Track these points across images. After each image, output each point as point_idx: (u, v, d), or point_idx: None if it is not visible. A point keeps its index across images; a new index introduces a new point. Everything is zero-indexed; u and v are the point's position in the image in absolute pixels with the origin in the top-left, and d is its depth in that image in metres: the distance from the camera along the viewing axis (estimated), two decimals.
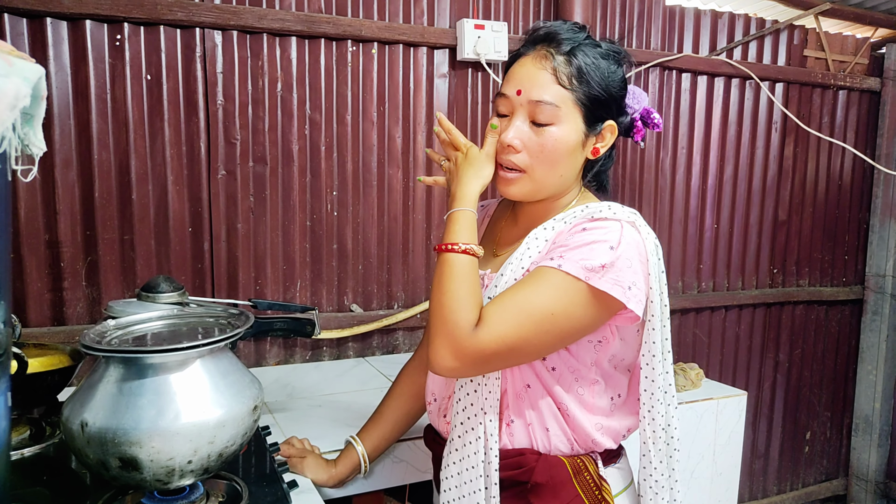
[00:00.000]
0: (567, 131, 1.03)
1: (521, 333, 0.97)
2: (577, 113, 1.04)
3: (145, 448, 0.88)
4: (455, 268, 1.01)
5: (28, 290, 1.75)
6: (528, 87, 1.03)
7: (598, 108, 1.05)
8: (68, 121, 1.75)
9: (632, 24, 2.47)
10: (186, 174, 1.89)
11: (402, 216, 2.17)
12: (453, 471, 1.09)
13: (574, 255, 0.97)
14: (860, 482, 3.20)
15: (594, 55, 1.04)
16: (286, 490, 1.14)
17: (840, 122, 2.94)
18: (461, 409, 1.09)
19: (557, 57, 1.03)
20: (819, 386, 3.11)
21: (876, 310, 3.08)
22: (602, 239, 0.98)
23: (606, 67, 1.05)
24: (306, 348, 2.11)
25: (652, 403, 1.09)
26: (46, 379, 1.30)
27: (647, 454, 1.11)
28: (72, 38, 1.73)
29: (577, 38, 1.05)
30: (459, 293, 0.99)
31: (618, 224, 1.00)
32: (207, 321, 1.12)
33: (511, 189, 1.08)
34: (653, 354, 1.08)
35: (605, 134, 1.08)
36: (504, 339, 0.96)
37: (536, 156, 1.04)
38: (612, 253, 0.97)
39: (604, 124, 1.07)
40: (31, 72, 0.58)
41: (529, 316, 0.96)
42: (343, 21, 1.99)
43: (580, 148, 1.06)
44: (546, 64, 1.03)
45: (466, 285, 1.00)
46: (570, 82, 1.03)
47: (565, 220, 1.06)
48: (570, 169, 1.08)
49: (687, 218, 2.68)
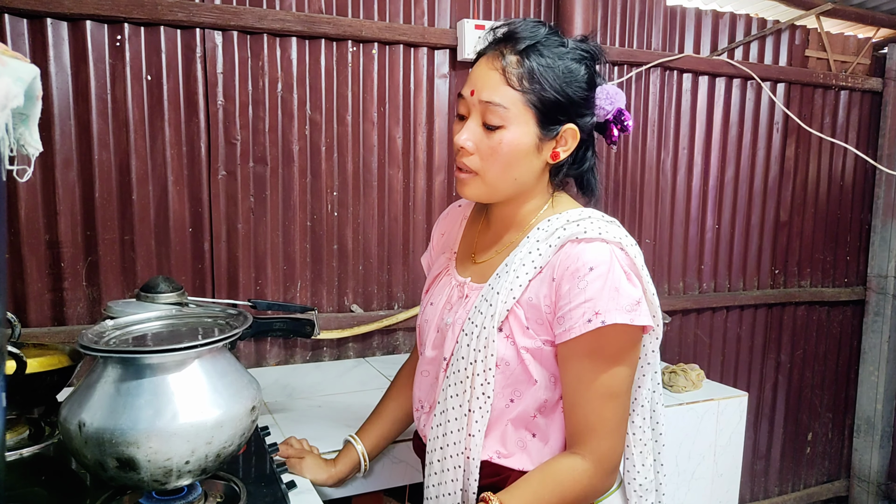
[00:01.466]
0: (518, 134, 1.00)
1: (623, 413, 1.02)
2: (528, 115, 1.00)
3: (143, 448, 0.88)
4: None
5: (28, 290, 1.75)
6: (479, 87, 1.01)
7: (553, 110, 1.01)
8: (69, 121, 1.75)
9: (633, 23, 2.47)
10: (187, 174, 1.89)
11: (402, 217, 2.17)
12: (434, 481, 1.09)
13: (606, 304, 0.96)
14: (862, 483, 3.19)
15: (552, 54, 1.00)
16: (285, 491, 1.14)
17: (842, 122, 2.94)
18: (444, 421, 1.07)
19: (509, 57, 0.99)
20: (821, 387, 3.11)
21: (878, 311, 3.08)
22: (616, 275, 0.97)
23: (564, 67, 1.00)
24: (306, 349, 2.11)
25: (633, 407, 1.10)
26: (46, 379, 1.30)
27: (630, 457, 1.12)
28: (72, 38, 1.73)
29: (535, 35, 1.00)
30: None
31: (608, 249, 0.99)
32: (206, 321, 1.12)
33: (465, 190, 1.07)
34: (648, 362, 1.09)
35: (566, 137, 1.04)
36: (617, 432, 1.02)
37: (487, 158, 1.02)
38: (634, 288, 0.98)
39: (562, 127, 1.03)
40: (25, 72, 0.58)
41: (618, 397, 1.00)
42: (343, 21, 1.99)
43: (534, 152, 1.03)
44: (497, 64, 1.00)
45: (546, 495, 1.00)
46: (521, 83, 0.99)
47: (549, 241, 1.03)
48: (526, 172, 1.04)
49: (688, 218, 2.67)
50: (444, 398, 1.07)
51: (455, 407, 1.05)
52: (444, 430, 1.07)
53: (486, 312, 1.03)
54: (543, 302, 1.01)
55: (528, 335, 1.02)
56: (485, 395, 1.03)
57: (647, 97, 2.52)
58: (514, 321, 1.02)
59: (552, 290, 1.00)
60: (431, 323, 1.16)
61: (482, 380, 1.02)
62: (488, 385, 1.02)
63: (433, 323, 1.15)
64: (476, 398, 1.03)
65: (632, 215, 2.55)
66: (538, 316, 1.01)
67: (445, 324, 1.11)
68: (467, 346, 1.04)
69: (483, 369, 1.02)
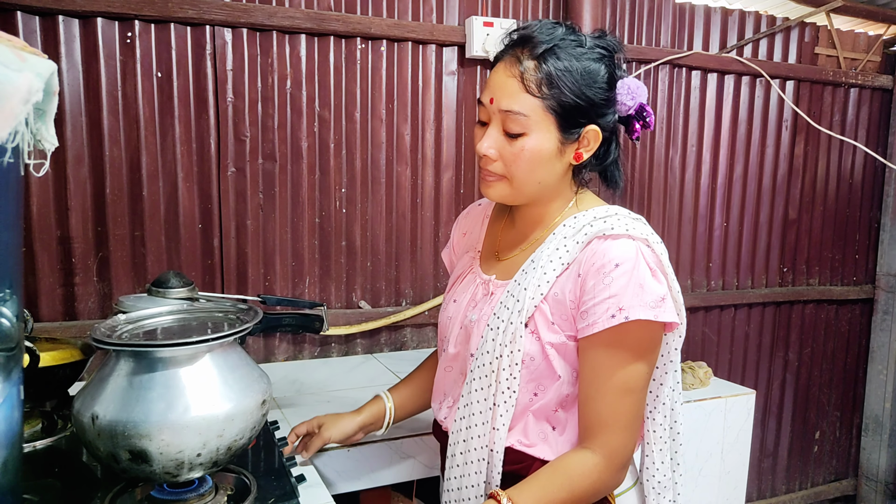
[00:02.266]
0: (539, 140, 1.00)
1: (638, 411, 1.02)
2: (549, 121, 1.00)
3: (155, 441, 0.89)
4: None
5: (40, 285, 1.77)
6: (498, 95, 1.01)
7: (573, 114, 1.00)
8: (80, 118, 1.76)
9: (641, 21, 2.47)
10: (196, 171, 1.90)
11: (410, 213, 2.17)
12: (457, 472, 1.10)
13: (630, 300, 0.97)
14: (870, 482, 3.18)
15: (570, 56, 0.99)
16: (294, 484, 1.15)
17: (851, 120, 2.92)
18: (468, 414, 1.08)
19: (526, 62, 0.98)
20: (828, 385, 3.10)
21: (887, 309, 3.06)
22: (641, 271, 0.98)
23: (583, 69, 0.99)
24: (315, 345, 2.12)
25: (655, 405, 1.10)
26: (58, 373, 1.31)
27: (650, 455, 1.12)
28: (83, 35, 1.74)
29: (552, 37, 0.99)
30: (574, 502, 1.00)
31: (635, 246, 1.00)
32: (217, 316, 1.13)
33: (490, 192, 1.08)
34: (671, 359, 1.09)
35: (588, 138, 1.04)
36: (631, 429, 1.01)
37: (511, 165, 1.02)
38: (659, 283, 0.99)
39: (583, 129, 1.02)
40: (44, 67, 0.58)
41: (634, 393, 1.00)
42: (352, 19, 2.00)
43: (557, 155, 1.03)
44: (515, 70, 0.99)
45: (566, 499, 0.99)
46: (540, 89, 0.98)
47: (576, 237, 1.04)
48: (550, 175, 1.05)
49: (696, 216, 2.67)
50: (468, 391, 1.08)
51: (480, 401, 1.06)
52: (467, 423, 1.08)
53: (512, 308, 1.04)
54: (568, 297, 1.02)
55: (553, 330, 1.03)
56: (510, 389, 1.03)
57: (655, 94, 2.52)
58: (539, 317, 1.03)
59: (577, 286, 1.01)
60: (455, 320, 1.16)
61: (508, 374, 1.03)
62: (514, 380, 1.03)
63: (457, 320, 1.16)
64: (501, 392, 1.04)
65: (640, 212, 2.53)
66: (563, 311, 1.02)
67: (470, 321, 1.12)
68: (492, 340, 1.05)
69: (509, 364, 1.03)
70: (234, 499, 1.07)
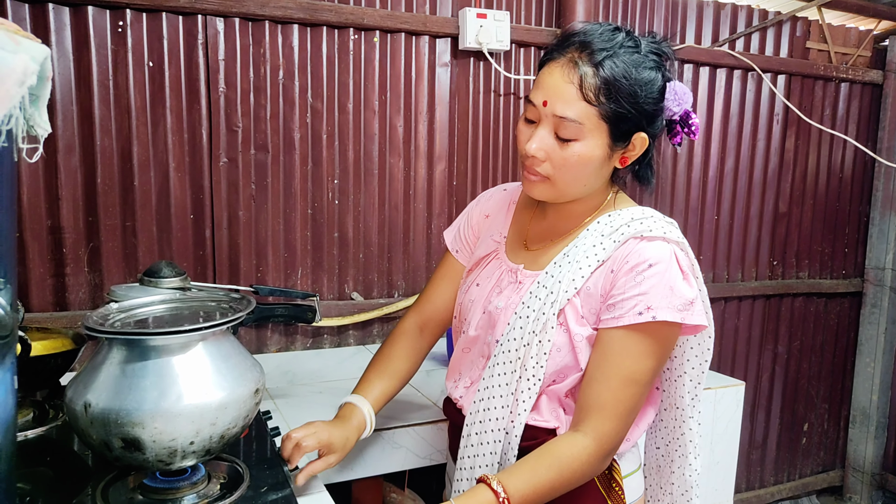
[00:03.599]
0: (591, 147, 1.01)
1: (637, 401, 1.03)
2: (602, 128, 1.00)
3: (148, 429, 0.89)
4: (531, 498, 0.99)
5: (31, 275, 1.76)
6: (553, 99, 1.00)
7: (626, 123, 1.01)
8: (71, 107, 1.75)
9: (634, 14, 2.47)
10: (188, 161, 1.89)
11: (402, 205, 2.17)
12: (471, 452, 1.11)
13: (660, 301, 0.98)
14: (857, 473, 3.22)
15: (626, 65, 0.98)
16: (287, 473, 1.15)
17: (842, 114, 2.94)
18: (488, 397, 1.09)
19: (585, 68, 0.98)
20: (817, 378, 3.13)
21: (875, 302, 3.09)
22: (673, 273, 1.00)
23: (639, 79, 0.99)
24: (307, 336, 2.12)
25: (693, 404, 1.15)
26: (49, 362, 1.31)
27: (693, 452, 1.18)
28: (74, 24, 1.73)
29: (611, 44, 0.99)
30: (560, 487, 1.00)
31: (670, 249, 1.02)
32: (209, 305, 1.13)
33: (533, 191, 1.09)
34: (696, 354, 1.13)
35: (635, 144, 1.05)
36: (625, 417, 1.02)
37: (559, 168, 1.03)
38: (689, 287, 1.01)
39: (633, 136, 1.04)
40: (38, 51, 0.58)
41: (638, 385, 1.01)
42: (345, 9, 1.99)
43: (605, 161, 1.05)
44: (573, 76, 0.98)
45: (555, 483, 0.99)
46: (598, 98, 0.98)
47: (612, 237, 1.05)
48: (596, 179, 1.07)
49: (687, 209, 2.68)
50: (489, 375, 1.10)
51: (501, 385, 1.08)
52: (486, 405, 1.09)
53: (544, 299, 1.05)
54: (599, 292, 1.04)
55: (582, 323, 1.04)
56: (535, 377, 1.05)
57: None
58: (570, 310, 1.04)
59: (608, 281, 1.03)
60: (478, 304, 1.17)
61: (534, 363, 1.04)
62: (540, 368, 1.05)
63: (479, 304, 1.16)
64: (527, 380, 1.05)
65: None
66: (592, 305, 1.04)
67: (496, 307, 1.13)
68: (520, 328, 1.06)
69: (537, 353, 1.04)
70: (226, 487, 1.07)
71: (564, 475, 0.99)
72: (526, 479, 0.98)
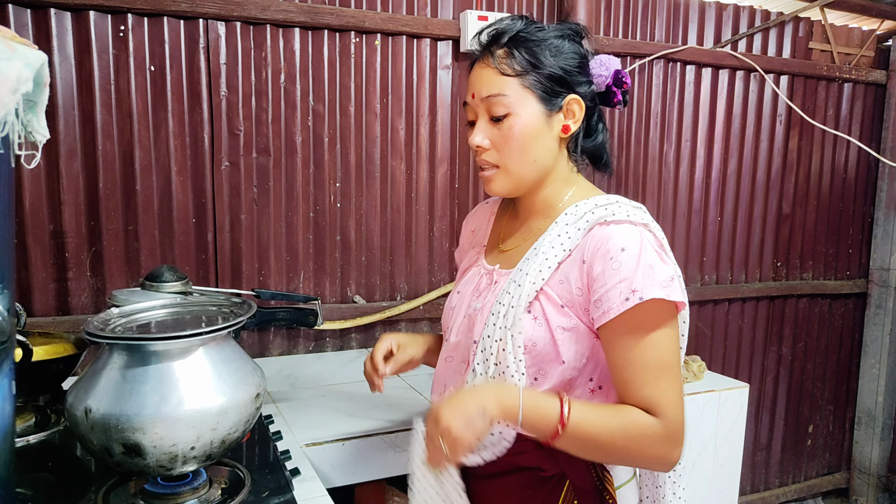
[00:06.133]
0: (524, 116, 1.05)
1: (680, 384, 1.00)
2: (529, 96, 1.05)
3: (148, 434, 0.89)
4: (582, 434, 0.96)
5: (33, 279, 1.76)
6: (478, 88, 1.07)
7: (549, 83, 1.05)
8: (73, 111, 1.76)
9: (636, 15, 2.46)
10: (190, 165, 1.89)
11: (404, 208, 2.17)
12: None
13: (642, 281, 0.97)
14: (862, 476, 3.20)
15: (535, 37, 1.06)
16: (289, 477, 1.15)
17: (845, 114, 2.93)
18: None
19: (496, 52, 1.06)
20: (822, 379, 3.11)
21: (879, 303, 3.08)
22: (648, 253, 0.99)
23: (548, 44, 1.06)
24: (309, 339, 2.12)
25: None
26: (51, 367, 1.31)
27: None
28: (76, 28, 1.73)
29: (513, 27, 1.07)
30: (618, 431, 0.97)
31: (637, 231, 1.01)
32: (210, 310, 1.12)
33: (492, 186, 1.11)
34: (679, 333, 1.09)
35: (572, 108, 1.08)
36: (680, 405, 0.99)
37: (503, 148, 1.07)
38: (667, 265, 1.00)
39: (564, 99, 1.07)
40: (34, 58, 0.58)
41: (670, 368, 0.99)
42: (346, 12, 1.99)
43: (545, 128, 1.07)
44: (488, 62, 1.06)
45: (606, 420, 0.97)
46: (513, 68, 1.04)
47: (577, 224, 1.05)
48: (543, 152, 1.08)
49: (690, 211, 2.67)
50: (472, 378, 1.09)
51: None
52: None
53: (514, 293, 1.05)
54: (574, 284, 1.03)
55: (564, 313, 1.03)
56: (518, 372, 1.04)
57: (650, 89, 2.52)
58: (546, 302, 1.03)
59: (583, 273, 1.02)
60: (459, 310, 1.17)
61: (513, 358, 1.03)
62: (520, 362, 1.03)
63: (461, 310, 1.17)
64: (510, 376, 1.04)
65: None
66: (570, 297, 1.03)
67: (474, 309, 1.13)
68: (493, 325, 1.06)
69: (512, 347, 1.03)
70: (228, 492, 1.07)
71: (629, 433, 0.96)
72: (591, 416, 0.97)
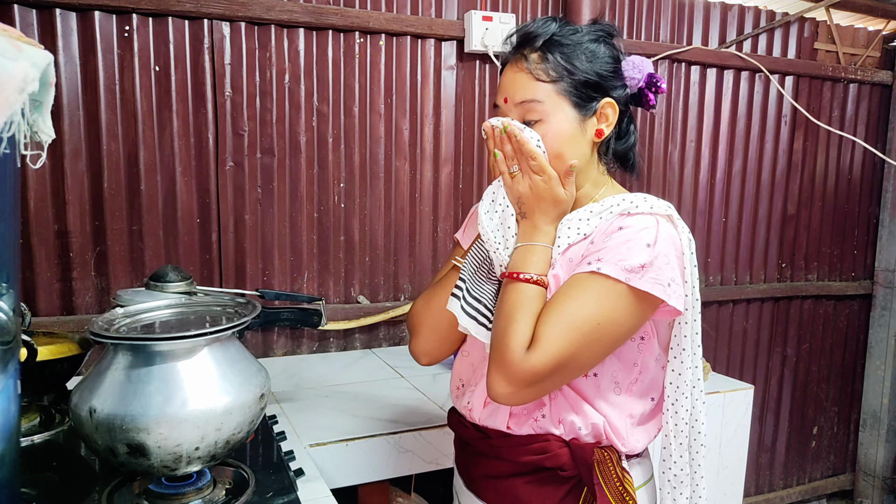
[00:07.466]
0: (558, 121, 1.03)
1: (572, 349, 0.95)
2: (563, 102, 1.03)
3: (153, 434, 0.88)
4: (521, 295, 0.99)
5: (38, 279, 1.76)
6: (511, 92, 1.05)
7: (584, 89, 1.04)
8: (77, 111, 1.76)
9: (641, 15, 2.46)
10: (194, 165, 1.90)
11: (408, 208, 2.17)
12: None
13: (611, 256, 0.96)
14: (867, 477, 3.19)
15: (569, 41, 1.04)
16: (293, 478, 1.15)
17: (850, 115, 2.92)
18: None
19: (530, 56, 1.04)
20: (826, 381, 3.10)
21: (885, 305, 3.07)
22: (638, 237, 0.98)
23: (583, 49, 1.04)
24: (313, 339, 2.12)
25: (676, 397, 1.10)
26: (56, 367, 1.31)
27: (667, 447, 1.12)
28: (81, 28, 1.74)
29: (547, 30, 1.04)
30: (520, 321, 0.97)
31: (653, 219, 1.00)
32: (215, 310, 1.12)
33: None
34: (682, 348, 1.09)
35: (606, 112, 1.06)
36: (555, 357, 0.94)
37: None
38: (649, 251, 0.96)
39: (598, 103, 1.05)
40: (40, 58, 0.58)
41: (577, 329, 0.95)
42: (351, 13, 1.99)
43: (579, 134, 1.05)
44: (521, 65, 1.04)
45: (529, 314, 0.98)
46: (548, 74, 1.02)
47: (601, 214, 1.05)
48: (577, 156, 1.05)
49: (695, 211, 2.67)
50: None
51: None
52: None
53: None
54: (575, 262, 1.02)
55: None
56: None
57: None
58: (552, 283, 1.03)
59: (586, 248, 1.03)
60: None
61: None
62: None
63: None
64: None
65: None
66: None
67: None
68: None
69: None
70: (232, 493, 1.07)
71: (506, 331, 0.97)
72: (515, 298, 0.99)
